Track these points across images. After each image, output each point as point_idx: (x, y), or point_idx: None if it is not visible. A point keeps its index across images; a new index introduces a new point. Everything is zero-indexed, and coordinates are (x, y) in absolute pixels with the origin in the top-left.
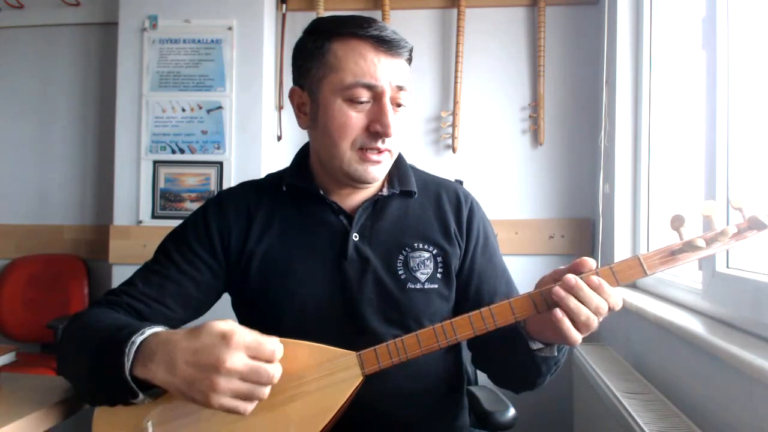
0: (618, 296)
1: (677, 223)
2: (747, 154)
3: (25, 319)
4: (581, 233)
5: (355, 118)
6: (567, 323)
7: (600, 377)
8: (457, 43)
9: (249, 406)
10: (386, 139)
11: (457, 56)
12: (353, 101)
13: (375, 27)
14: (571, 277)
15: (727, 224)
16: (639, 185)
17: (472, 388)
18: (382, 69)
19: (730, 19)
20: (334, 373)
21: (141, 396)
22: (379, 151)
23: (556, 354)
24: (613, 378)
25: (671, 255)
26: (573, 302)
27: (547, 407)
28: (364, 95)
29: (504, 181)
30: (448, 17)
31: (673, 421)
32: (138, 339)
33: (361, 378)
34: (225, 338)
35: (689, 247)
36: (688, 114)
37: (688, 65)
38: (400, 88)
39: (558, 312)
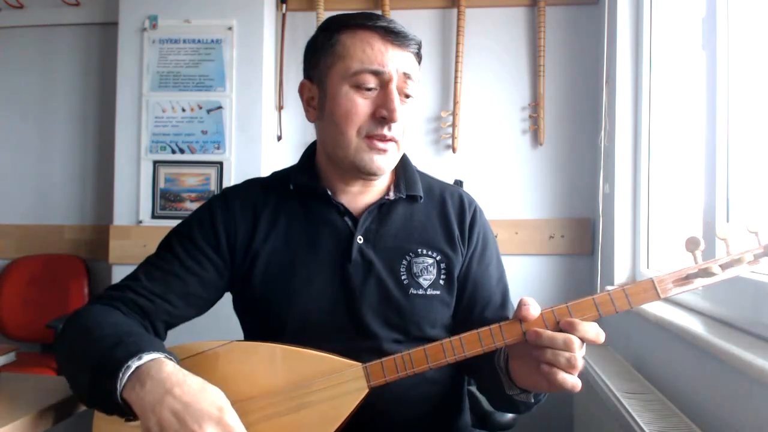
0: (594, 327)
1: (692, 246)
2: (747, 154)
3: (25, 319)
4: (581, 233)
5: (362, 105)
6: (561, 374)
7: (600, 377)
8: (457, 43)
9: None
10: (392, 126)
11: (457, 56)
12: (360, 87)
13: (383, 20)
14: (536, 331)
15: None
16: (639, 185)
17: (473, 389)
18: (389, 57)
19: (730, 19)
20: (340, 384)
21: (132, 419)
22: (385, 139)
23: (532, 401)
24: (613, 378)
25: (686, 279)
26: (548, 353)
27: (547, 407)
28: (371, 81)
29: (504, 181)
30: (448, 17)
31: (673, 421)
32: (134, 364)
33: (366, 391)
34: (220, 412)
35: (704, 273)
36: (688, 114)
37: (688, 65)
38: (407, 76)
39: (544, 367)
